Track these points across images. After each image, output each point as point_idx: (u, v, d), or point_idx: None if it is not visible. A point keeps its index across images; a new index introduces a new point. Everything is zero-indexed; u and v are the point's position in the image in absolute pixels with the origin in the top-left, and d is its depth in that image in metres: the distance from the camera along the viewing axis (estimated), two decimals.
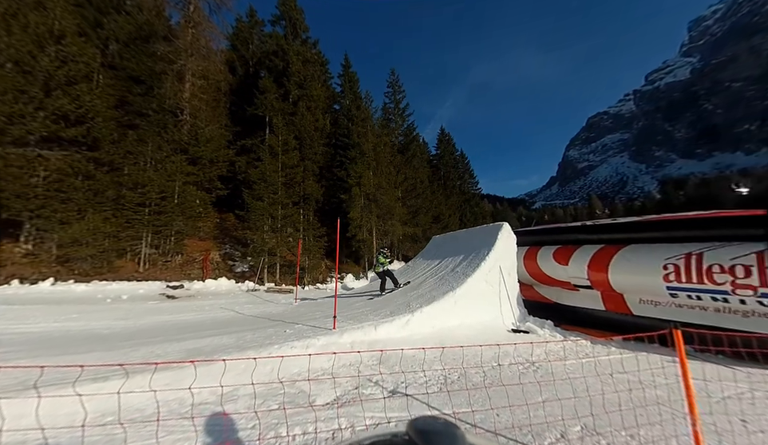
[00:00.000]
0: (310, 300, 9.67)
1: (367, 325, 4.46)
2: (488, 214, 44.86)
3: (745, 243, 4.64)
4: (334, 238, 5.66)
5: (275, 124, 16.97)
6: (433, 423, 0.40)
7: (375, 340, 4.26)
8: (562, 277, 6.97)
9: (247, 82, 20.05)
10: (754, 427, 2.48)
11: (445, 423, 0.41)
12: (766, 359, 3.90)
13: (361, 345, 3.96)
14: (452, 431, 0.37)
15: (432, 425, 0.39)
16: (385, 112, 28.46)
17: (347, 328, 4.39)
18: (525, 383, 3.12)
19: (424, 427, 0.38)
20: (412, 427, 0.39)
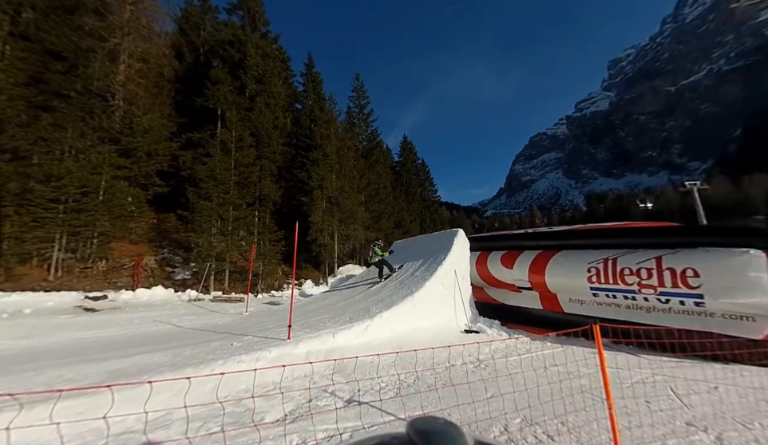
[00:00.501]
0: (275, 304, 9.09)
1: (325, 333, 4.34)
2: (446, 220, 47.18)
3: (648, 250, 5.58)
4: (293, 242, 5.43)
5: (229, 118, 15.79)
6: (433, 423, 0.40)
7: (333, 348, 4.16)
8: (508, 279, 7.61)
9: (196, 71, 18.37)
10: (655, 406, 2.97)
11: (445, 422, 0.41)
12: (663, 347, 4.72)
13: (317, 355, 3.83)
14: (452, 431, 0.37)
15: (432, 425, 0.39)
16: (350, 116, 28.39)
17: (303, 337, 4.22)
18: (474, 381, 3.31)
19: (424, 428, 0.38)
20: (412, 427, 0.39)
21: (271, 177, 18.16)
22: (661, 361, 4.36)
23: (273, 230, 16.96)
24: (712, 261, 4.69)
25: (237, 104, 16.60)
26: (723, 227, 5.67)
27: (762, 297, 4.23)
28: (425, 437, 0.37)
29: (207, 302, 11.28)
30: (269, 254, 16.14)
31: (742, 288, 4.35)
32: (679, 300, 5.02)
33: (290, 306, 4.91)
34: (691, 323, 4.81)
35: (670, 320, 5.05)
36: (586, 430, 2.56)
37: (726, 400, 3.03)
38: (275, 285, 16.21)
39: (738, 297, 4.42)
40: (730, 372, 3.66)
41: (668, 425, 2.63)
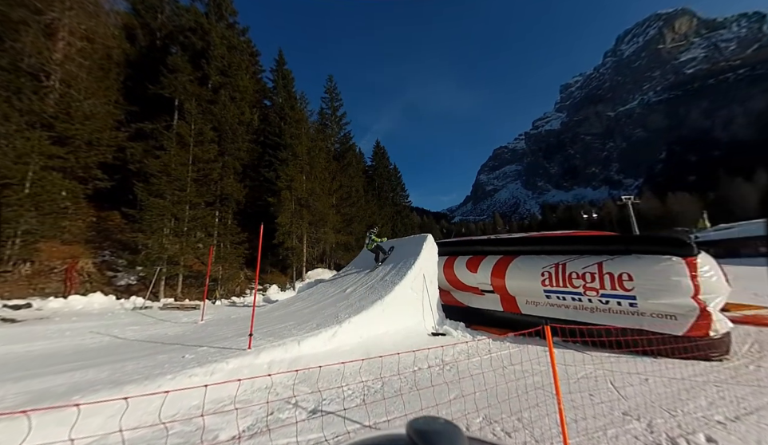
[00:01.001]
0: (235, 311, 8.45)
1: (290, 341, 4.15)
2: (417, 225, 48.22)
3: (591, 256, 6.18)
4: (257, 244, 5.13)
5: (188, 110, 14.65)
6: (432, 423, 0.40)
7: (298, 356, 3.99)
8: (472, 283, 7.94)
9: (152, 56, 16.84)
10: (597, 399, 3.27)
11: (445, 422, 0.40)
12: (603, 344, 5.24)
13: (281, 364, 3.65)
14: (452, 431, 0.37)
15: (432, 425, 0.39)
16: (322, 117, 27.91)
17: (265, 346, 3.99)
18: (439, 384, 3.39)
19: (424, 427, 0.38)
20: (412, 427, 0.39)
21: (234, 175, 17.15)
22: (602, 357, 4.83)
23: (235, 232, 15.97)
24: (642, 267, 5.33)
25: (198, 96, 15.49)
26: (651, 237, 6.46)
27: (682, 298, 4.90)
28: (424, 437, 0.37)
29: (155, 310, 10.23)
30: (230, 257, 15.15)
31: (667, 290, 5.00)
32: (617, 301, 5.62)
33: (251, 313, 4.61)
34: (626, 321, 5.41)
35: (609, 319, 5.63)
36: (539, 425, 2.74)
37: (655, 391, 3.44)
38: (236, 290, 15.23)
39: (663, 298, 5.07)
40: (657, 365, 4.17)
41: (608, 416, 2.91)
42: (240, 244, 15.83)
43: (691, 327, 4.73)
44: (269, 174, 18.35)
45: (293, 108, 21.00)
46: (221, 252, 15.26)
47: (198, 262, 14.72)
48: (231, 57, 17.81)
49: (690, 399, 3.22)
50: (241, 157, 17.64)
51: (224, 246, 15.74)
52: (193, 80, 15.42)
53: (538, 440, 2.54)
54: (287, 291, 15.09)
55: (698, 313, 4.73)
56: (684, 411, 2.96)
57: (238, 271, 15.78)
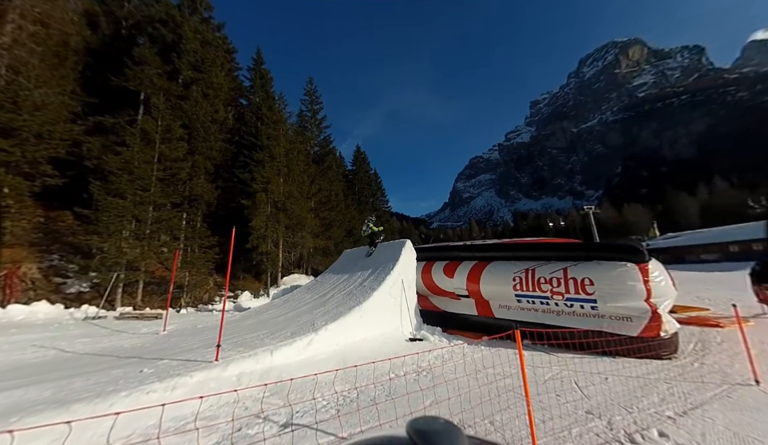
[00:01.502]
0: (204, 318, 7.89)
1: (261, 351, 3.95)
2: (397, 230, 48.49)
3: (557, 262, 6.55)
4: (229, 249, 4.88)
5: (155, 105, 13.77)
6: (432, 423, 0.40)
7: (270, 367, 3.81)
8: (449, 287, 8.09)
9: (116, 46, 15.70)
10: (563, 399, 3.45)
11: (445, 422, 0.41)
12: (568, 346, 5.54)
13: (251, 377, 3.46)
14: (452, 431, 0.38)
15: (432, 425, 0.39)
16: (301, 120, 27.45)
17: (234, 357, 3.78)
18: (414, 391, 3.39)
19: (424, 427, 0.38)
20: (412, 427, 0.39)
21: (205, 175, 16.30)
22: (567, 358, 5.11)
23: (205, 235, 15.11)
24: (602, 272, 5.74)
25: (167, 91, 14.63)
26: (609, 245, 6.99)
27: (637, 301, 5.33)
28: (424, 437, 0.36)
29: (110, 321, 9.37)
30: (198, 262, 14.29)
31: (623, 294, 5.42)
32: (580, 304, 5.99)
33: (220, 322, 4.35)
34: (589, 324, 5.78)
35: (574, 321, 5.98)
36: (510, 427, 2.83)
37: (614, 389, 3.69)
38: (204, 298, 14.35)
39: (620, 301, 5.48)
40: (616, 365, 4.48)
41: (573, 415, 3.07)
42: (210, 248, 14.98)
43: (644, 328, 5.14)
44: (244, 175, 17.65)
45: (271, 109, 20.46)
46: (188, 256, 14.35)
47: (161, 268, 13.71)
48: (204, 52, 17.07)
49: (644, 396, 3.49)
50: (213, 157, 16.84)
51: (192, 251, 14.82)
52: (162, 73, 14.55)
53: (509, 442, 2.61)
54: (260, 298, 14.48)
55: (650, 315, 5.16)
56: (639, 407, 3.20)
57: (206, 277, 14.91)
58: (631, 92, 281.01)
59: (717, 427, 2.76)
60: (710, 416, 2.96)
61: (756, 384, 3.62)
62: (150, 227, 12.90)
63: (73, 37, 14.04)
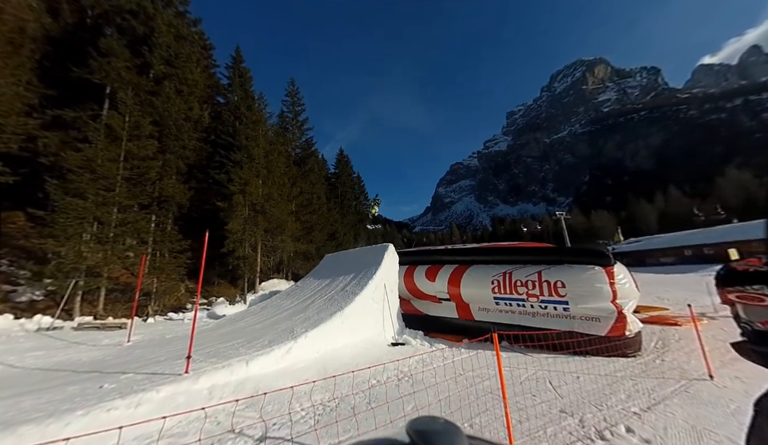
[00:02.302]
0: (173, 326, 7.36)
1: (236, 362, 3.76)
2: (380, 234, 48.41)
3: (533, 265, 6.82)
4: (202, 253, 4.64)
5: (122, 100, 12.94)
6: (432, 423, 0.40)
7: (245, 378, 3.62)
8: (431, 291, 8.17)
9: (79, 35, 14.64)
10: (539, 399, 3.56)
11: (445, 422, 0.41)
12: (542, 347, 5.76)
13: (224, 389, 3.27)
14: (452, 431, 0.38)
15: (431, 425, 0.39)
16: (282, 121, 26.88)
17: (206, 369, 3.56)
18: (395, 399, 3.36)
19: (423, 427, 0.38)
20: (411, 427, 0.39)
21: (177, 176, 15.49)
22: (542, 358, 5.30)
23: (176, 239, 14.29)
24: (573, 275, 6.05)
25: (136, 85, 13.81)
26: (579, 249, 7.38)
27: (604, 303, 5.65)
28: (424, 437, 0.36)
29: (67, 332, 8.58)
30: (168, 267, 13.46)
31: (592, 295, 5.73)
32: (553, 306, 6.26)
33: (191, 331, 4.09)
34: (561, 324, 6.04)
35: (548, 322, 6.24)
36: (489, 429, 2.88)
37: (585, 388, 3.87)
38: (174, 305, 13.52)
39: (589, 302, 5.79)
40: (587, 364, 4.71)
41: (547, 415, 3.18)
42: (181, 252, 14.18)
43: (611, 328, 5.45)
44: (220, 176, 16.95)
45: (250, 108, 19.88)
46: (157, 261, 13.50)
47: (127, 274, 12.79)
48: (179, 47, 16.33)
49: (612, 393, 3.68)
50: (186, 156, 16.05)
51: (161, 255, 13.96)
52: (131, 67, 13.72)
53: None
54: (236, 305, 13.88)
55: (616, 316, 5.49)
56: (608, 404, 3.37)
57: (177, 283, 14.07)
58: (597, 107, 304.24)
59: (677, 421, 2.97)
60: (671, 411, 3.17)
61: (710, 379, 3.94)
62: (114, 230, 12.01)
63: (30, 24, 12.92)
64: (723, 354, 4.82)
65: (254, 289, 16.60)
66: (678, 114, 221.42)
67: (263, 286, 16.80)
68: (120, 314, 11.45)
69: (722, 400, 3.36)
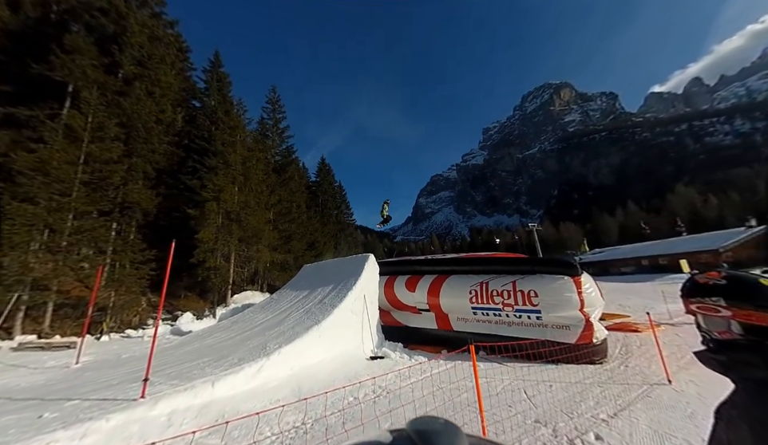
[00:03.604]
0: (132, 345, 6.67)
1: (200, 383, 3.47)
2: (361, 243, 47.98)
3: (508, 275, 7.03)
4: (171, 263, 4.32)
5: (86, 99, 12.11)
6: (432, 423, 0.40)
7: (210, 401, 3.35)
8: (410, 302, 8.14)
9: (42, 30, 13.62)
10: (514, 410, 3.60)
11: (445, 422, 0.40)
12: (517, 356, 5.89)
13: (186, 414, 3.00)
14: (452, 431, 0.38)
15: (431, 425, 0.39)
16: (262, 127, 26.34)
17: (166, 392, 3.26)
18: (370, 419, 3.25)
19: (423, 427, 0.38)
20: (411, 427, 0.39)
21: (145, 181, 14.57)
22: (518, 367, 5.41)
23: (139, 249, 13.30)
24: (545, 285, 6.30)
25: (102, 84, 13.01)
26: (550, 259, 7.73)
27: (573, 311, 5.92)
28: (424, 436, 0.36)
29: (5, 353, 7.59)
30: (128, 279, 12.44)
31: (562, 304, 5.99)
32: (527, 315, 6.46)
33: (150, 350, 3.74)
34: (535, 333, 6.23)
35: (523, 331, 6.41)
36: None
37: (557, 396, 3.98)
38: (133, 321, 12.45)
39: (560, 311, 6.04)
40: (559, 372, 4.86)
41: (523, 426, 3.22)
42: (144, 263, 13.18)
43: (580, 336, 5.70)
44: (192, 182, 16.15)
45: (228, 114, 19.33)
46: (116, 273, 12.44)
47: (80, 287, 11.64)
48: (152, 48, 15.70)
49: (582, 400, 3.81)
50: (156, 160, 15.19)
51: (122, 266, 12.89)
52: (98, 65, 12.94)
53: None
54: (205, 319, 13.04)
55: (584, 324, 5.75)
56: (578, 412, 3.48)
57: (138, 296, 13.00)
58: (564, 127, 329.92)
59: (641, 426, 3.12)
60: (636, 416, 3.33)
61: (669, 383, 4.20)
62: (68, 238, 10.97)
63: None
64: (679, 359, 5.18)
65: (225, 303, 15.72)
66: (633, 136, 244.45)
67: (236, 299, 15.97)
68: (69, 332, 10.34)
69: (679, 404, 3.58)
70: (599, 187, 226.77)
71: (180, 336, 9.48)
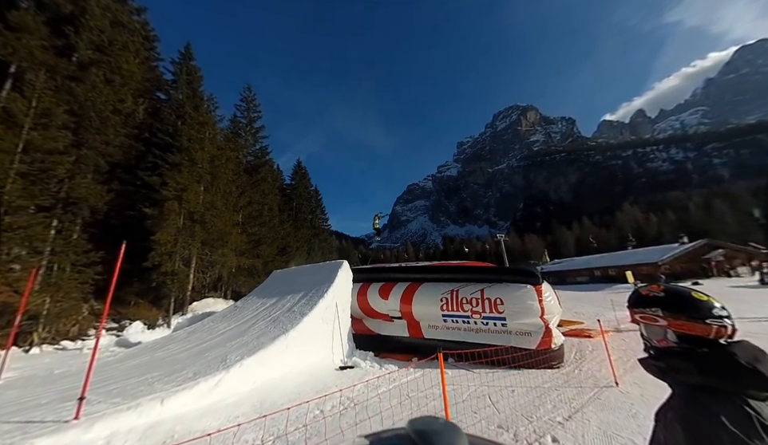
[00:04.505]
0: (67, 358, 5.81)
1: (147, 401, 3.14)
2: (335, 249, 46.98)
3: (476, 283, 7.29)
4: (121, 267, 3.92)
5: (30, 82, 10.83)
6: (432, 423, 0.40)
7: (158, 421, 3.04)
8: (383, 309, 8.11)
9: None
10: (479, 416, 3.70)
11: (445, 422, 0.41)
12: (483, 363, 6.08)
13: (128, 436, 2.69)
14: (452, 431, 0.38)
15: (431, 425, 0.39)
16: (235, 126, 25.21)
17: (105, 412, 2.90)
18: (335, 434, 3.16)
19: (423, 427, 0.38)
20: (411, 426, 0.39)
21: (95, 175, 13.22)
22: (483, 373, 5.58)
23: (83, 250, 11.95)
24: (509, 293, 6.62)
25: (52, 67, 11.73)
26: (515, 269, 8.15)
27: (534, 318, 6.26)
28: (424, 436, 0.36)
29: None
30: (68, 284, 11.09)
31: (524, 312, 6.32)
32: (494, 322, 6.72)
33: (89, 363, 3.31)
34: (500, 339, 6.49)
35: (489, 338, 6.64)
36: None
37: (519, 400, 4.16)
38: (71, 331, 11.05)
39: (523, 318, 6.36)
40: (521, 377, 5.09)
41: (486, 432, 3.31)
42: (89, 266, 11.84)
43: (540, 342, 6.03)
44: (151, 178, 14.93)
45: (197, 109, 18.27)
46: (53, 276, 11.04)
47: (8, 291, 10.15)
48: (115, 33, 14.52)
49: (541, 404, 4.02)
50: (110, 153, 13.88)
51: (61, 269, 11.47)
52: (48, 47, 11.66)
53: None
54: (158, 329, 11.96)
55: (544, 330, 6.11)
56: (537, 416, 3.66)
57: (78, 303, 11.59)
58: (529, 146, 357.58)
59: (592, 427, 3.35)
60: (587, 418, 3.57)
61: (616, 386, 4.57)
62: None
63: None
64: (625, 363, 5.67)
65: (182, 311, 14.55)
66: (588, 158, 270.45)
67: (195, 307, 14.86)
68: None
69: (625, 405, 3.91)
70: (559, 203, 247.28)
71: (127, 348, 8.56)
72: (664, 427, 0.93)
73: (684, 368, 0.92)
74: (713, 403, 0.83)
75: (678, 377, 0.95)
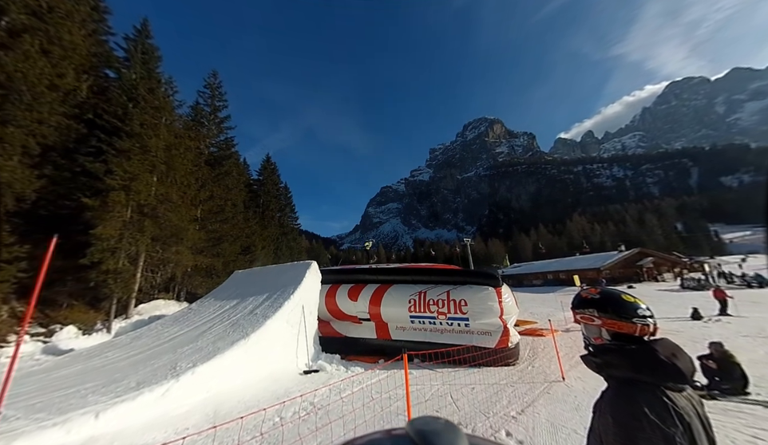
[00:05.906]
0: None
1: (79, 415, 2.77)
2: (305, 249, 45.44)
3: (443, 285, 7.55)
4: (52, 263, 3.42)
5: None
6: (432, 423, 0.39)
7: (92, 437, 2.70)
8: (352, 311, 8.03)
9: None
10: (441, 415, 3.82)
11: (446, 422, 0.40)
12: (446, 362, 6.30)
13: None
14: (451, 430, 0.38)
15: (431, 424, 0.39)
16: (197, 113, 23.35)
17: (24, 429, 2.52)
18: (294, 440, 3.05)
19: (423, 427, 0.38)
20: (411, 426, 0.39)
21: (23, 157, 11.46)
22: (446, 372, 5.78)
23: (4, 243, 10.26)
24: (472, 294, 6.95)
25: None
26: (478, 271, 8.58)
27: (494, 318, 6.65)
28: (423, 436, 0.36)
29: None
30: None
31: (485, 312, 6.68)
32: (458, 322, 7.02)
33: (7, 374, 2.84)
34: (463, 339, 6.78)
35: (454, 338, 6.91)
36: None
37: (478, 398, 4.37)
38: None
39: (484, 319, 6.72)
40: (482, 375, 5.36)
41: None
42: (10, 262, 10.19)
43: (499, 340, 6.41)
44: (94, 165, 13.29)
45: (153, 92, 16.64)
46: None
47: None
48: None
49: (497, 400, 4.26)
50: (44, 133, 12.11)
51: None
52: None
53: None
54: (95, 335, 10.66)
55: (503, 330, 6.50)
56: (494, 411, 3.88)
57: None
58: (495, 157, 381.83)
59: (541, 420, 3.62)
60: (538, 411, 3.86)
61: (563, 380, 5.00)
62: None
63: None
64: (570, 359, 6.22)
65: (126, 314, 13.12)
66: (545, 171, 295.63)
67: (142, 309, 13.50)
68: None
69: (569, 398, 4.29)
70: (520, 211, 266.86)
71: (56, 355, 7.50)
72: (599, 416, 1.03)
73: (616, 363, 1.03)
74: (636, 394, 0.94)
75: (611, 371, 1.06)
